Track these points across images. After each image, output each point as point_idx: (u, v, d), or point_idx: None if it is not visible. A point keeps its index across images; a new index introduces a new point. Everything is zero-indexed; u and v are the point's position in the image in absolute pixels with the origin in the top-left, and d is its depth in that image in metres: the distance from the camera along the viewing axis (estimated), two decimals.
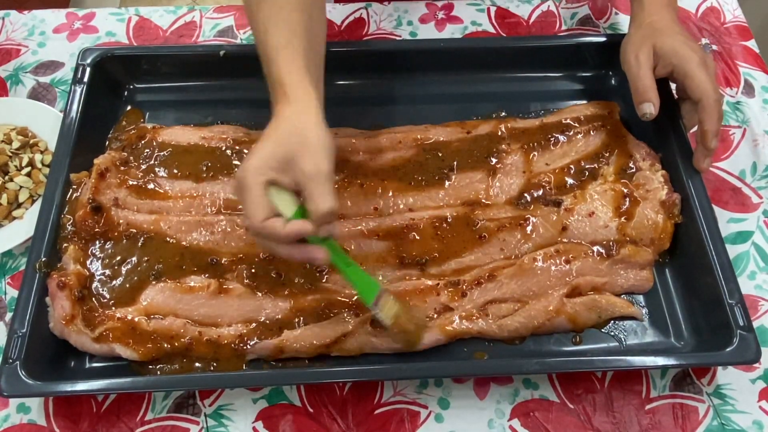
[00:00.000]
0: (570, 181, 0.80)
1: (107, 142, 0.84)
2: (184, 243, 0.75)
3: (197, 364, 0.69)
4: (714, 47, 0.96)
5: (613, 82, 0.90)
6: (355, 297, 0.71)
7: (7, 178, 0.80)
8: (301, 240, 0.61)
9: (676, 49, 0.74)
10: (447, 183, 0.80)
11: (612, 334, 0.73)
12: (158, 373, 0.69)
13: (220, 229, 0.75)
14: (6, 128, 0.84)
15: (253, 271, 0.73)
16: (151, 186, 0.79)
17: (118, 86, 0.89)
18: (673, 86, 0.82)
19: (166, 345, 0.69)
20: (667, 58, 0.75)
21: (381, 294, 0.66)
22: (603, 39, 0.89)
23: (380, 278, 0.73)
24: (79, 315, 0.69)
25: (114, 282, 0.72)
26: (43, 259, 0.71)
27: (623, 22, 0.99)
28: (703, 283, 0.71)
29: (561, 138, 0.83)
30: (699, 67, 0.73)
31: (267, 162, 0.60)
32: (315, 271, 0.74)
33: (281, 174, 0.60)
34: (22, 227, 0.78)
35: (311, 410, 0.70)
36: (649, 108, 0.75)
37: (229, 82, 0.89)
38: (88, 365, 0.71)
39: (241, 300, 0.71)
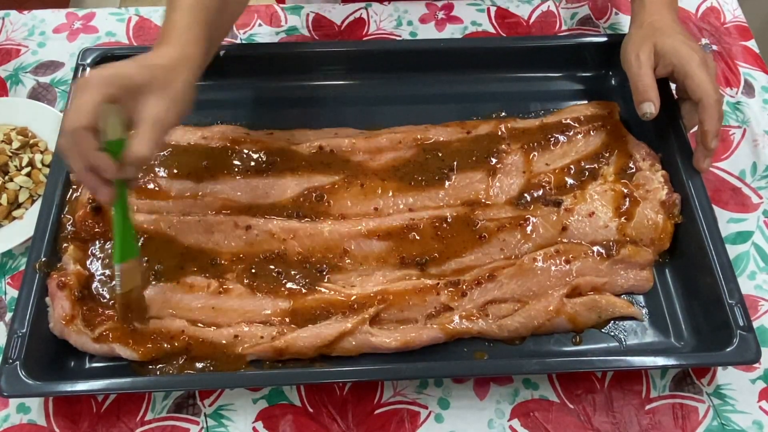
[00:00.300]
0: (570, 181, 0.80)
1: None
2: (184, 243, 0.75)
3: (197, 364, 0.69)
4: (714, 47, 0.96)
5: (613, 82, 0.90)
6: (355, 296, 0.71)
7: (7, 178, 0.80)
8: None
9: (677, 48, 0.74)
10: (447, 183, 0.80)
11: (612, 334, 0.73)
12: (158, 373, 0.69)
13: (220, 229, 0.75)
14: (6, 128, 0.84)
15: (253, 271, 0.73)
16: (151, 186, 0.79)
17: None
18: (672, 87, 0.82)
19: (166, 345, 0.69)
20: (668, 57, 0.75)
21: (132, 264, 0.67)
22: (603, 39, 0.89)
23: (380, 278, 0.73)
24: (79, 315, 0.69)
25: (114, 282, 0.72)
26: (43, 259, 0.71)
27: (623, 22, 0.99)
28: (703, 283, 0.71)
29: (561, 138, 0.83)
30: (700, 67, 0.73)
31: (121, 79, 0.59)
32: (315, 271, 0.74)
33: (126, 98, 0.59)
34: (22, 227, 0.78)
35: (311, 410, 0.70)
36: (650, 107, 0.75)
37: (229, 82, 0.89)
38: (88, 365, 0.70)
39: (241, 300, 0.71)
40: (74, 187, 0.76)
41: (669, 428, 0.69)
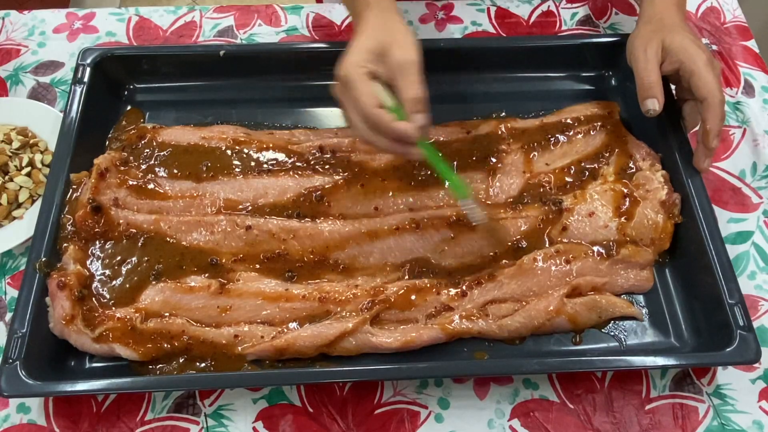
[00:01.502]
0: (570, 181, 0.80)
1: (107, 142, 0.84)
2: (184, 243, 0.75)
3: (197, 364, 0.69)
4: (714, 47, 0.96)
5: (613, 82, 0.90)
6: (358, 292, 0.71)
7: (7, 178, 0.80)
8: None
9: (685, 46, 0.74)
10: (447, 183, 0.80)
11: (612, 334, 0.73)
12: (158, 373, 0.69)
13: (220, 229, 0.75)
14: (6, 128, 0.84)
15: (254, 273, 0.73)
16: (151, 186, 0.79)
17: (118, 86, 0.89)
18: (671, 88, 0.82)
19: (166, 345, 0.69)
20: (675, 54, 0.75)
21: (470, 196, 0.72)
22: (603, 39, 0.89)
23: (381, 278, 0.74)
24: (79, 315, 0.69)
25: (114, 282, 0.72)
26: (43, 259, 0.71)
27: (623, 22, 0.99)
28: (703, 283, 0.71)
29: (561, 138, 0.83)
30: (706, 66, 0.73)
31: (364, 55, 0.67)
32: (316, 271, 0.74)
33: (378, 65, 0.67)
34: (22, 227, 0.78)
35: (311, 410, 0.70)
36: (653, 104, 0.74)
37: (229, 82, 0.89)
38: (88, 365, 0.71)
39: (242, 300, 0.71)
40: (74, 187, 0.76)
41: (669, 428, 0.69)
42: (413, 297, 0.71)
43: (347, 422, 0.69)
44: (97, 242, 0.74)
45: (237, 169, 0.80)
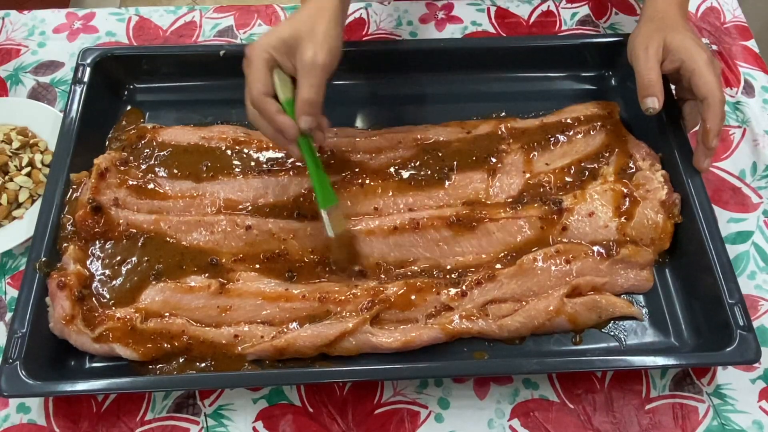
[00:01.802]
0: (570, 180, 0.80)
1: (107, 142, 0.84)
2: (184, 243, 0.75)
3: (197, 364, 0.69)
4: (714, 47, 0.96)
5: (613, 82, 0.90)
6: (358, 292, 0.71)
7: (7, 178, 0.80)
8: None
9: (687, 45, 0.74)
10: (447, 183, 0.80)
11: (612, 334, 0.73)
12: (158, 373, 0.69)
13: (220, 229, 0.75)
14: (6, 128, 0.84)
15: (254, 273, 0.73)
16: (151, 186, 0.79)
17: (118, 86, 0.89)
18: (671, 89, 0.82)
19: (166, 345, 0.69)
20: (677, 53, 0.75)
21: (335, 208, 0.71)
22: (603, 39, 0.89)
23: (381, 277, 0.74)
24: (79, 315, 0.69)
25: (114, 282, 0.72)
26: (43, 259, 0.71)
27: (623, 22, 0.99)
28: (703, 283, 0.71)
29: (561, 138, 0.83)
30: (707, 65, 0.73)
31: (274, 42, 0.66)
32: (316, 270, 0.74)
33: (284, 56, 0.67)
34: (22, 227, 0.78)
35: (311, 410, 0.70)
36: (653, 102, 0.74)
37: (229, 82, 0.88)
38: (88, 365, 0.71)
39: (242, 300, 0.71)
40: (74, 187, 0.77)
41: (669, 428, 0.69)
42: (413, 297, 0.71)
43: (347, 422, 0.69)
44: (97, 242, 0.74)
45: (237, 169, 0.80)
